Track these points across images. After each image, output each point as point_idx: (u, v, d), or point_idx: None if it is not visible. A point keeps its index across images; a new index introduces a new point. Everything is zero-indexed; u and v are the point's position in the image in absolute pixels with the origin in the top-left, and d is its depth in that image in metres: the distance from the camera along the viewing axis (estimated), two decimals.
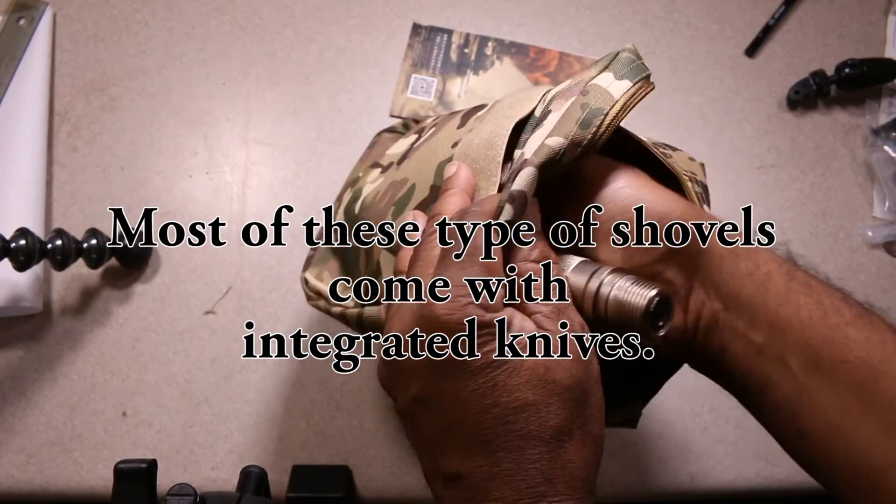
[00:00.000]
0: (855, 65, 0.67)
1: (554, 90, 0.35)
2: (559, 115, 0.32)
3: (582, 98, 0.32)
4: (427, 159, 0.38)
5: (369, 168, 0.47)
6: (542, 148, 0.31)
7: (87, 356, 0.57)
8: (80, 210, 0.61)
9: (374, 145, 0.51)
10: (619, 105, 0.32)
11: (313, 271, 0.46)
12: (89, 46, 0.67)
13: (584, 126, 0.32)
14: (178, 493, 0.38)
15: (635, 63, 0.34)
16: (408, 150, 0.43)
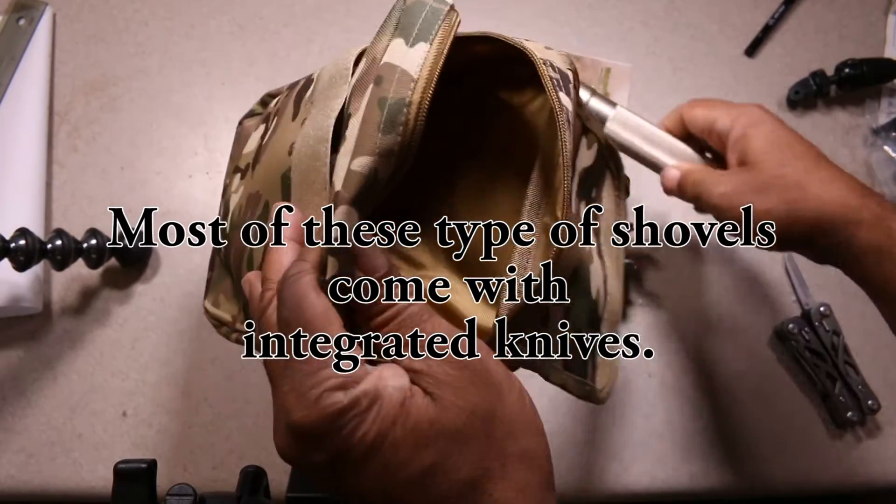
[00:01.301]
0: (855, 65, 0.67)
1: (353, 77, 0.30)
2: (359, 120, 0.27)
3: (377, 89, 0.27)
4: (272, 167, 0.34)
5: (233, 174, 0.42)
6: (351, 176, 0.26)
7: (87, 356, 0.57)
8: (79, 210, 0.61)
9: (237, 138, 0.45)
10: (421, 84, 0.27)
11: (210, 297, 0.42)
12: (89, 46, 0.67)
13: (387, 130, 0.26)
14: (178, 493, 0.38)
15: (427, 5, 0.28)
16: (258, 147, 0.39)
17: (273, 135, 0.36)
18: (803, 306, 0.62)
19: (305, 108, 0.33)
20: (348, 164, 0.26)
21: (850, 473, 0.59)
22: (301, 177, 0.30)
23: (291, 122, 0.33)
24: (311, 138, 0.30)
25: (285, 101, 0.37)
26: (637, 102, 0.68)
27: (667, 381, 0.59)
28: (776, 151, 0.43)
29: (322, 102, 0.31)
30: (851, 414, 0.59)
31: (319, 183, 0.29)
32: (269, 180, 0.33)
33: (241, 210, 0.37)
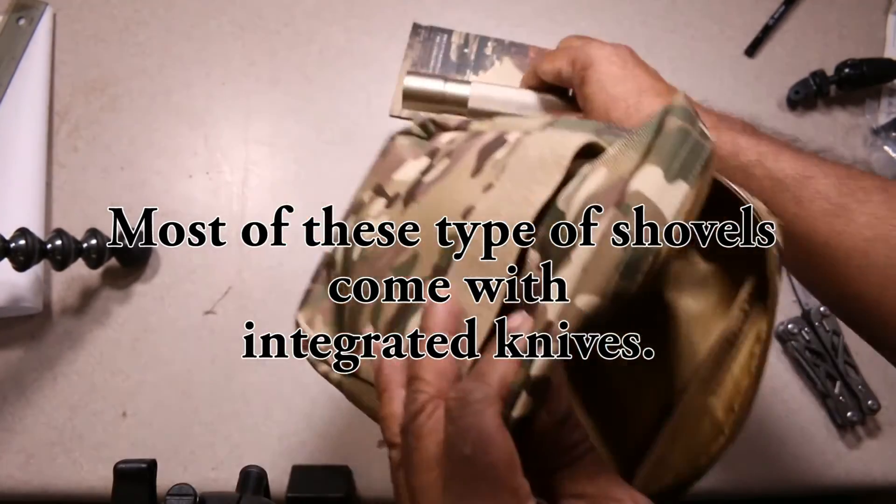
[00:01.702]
0: (855, 65, 0.67)
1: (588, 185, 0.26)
2: (591, 247, 0.24)
3: (622, 220, 0.23)
4: (434, 220, 0.31)
5: (374, 195, 0.40)
6: (571, 311, 0.23)
7: (87, 356, 0.57)
8: (79, 210, 0.61)
9: (386, 153, 0.43)
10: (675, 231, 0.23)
11: (307, 312, 0.40)
12: (89, 46, 0.67)
13: (627, 275, 0.23)
14: (178, 493, 0.38)
15: (692, 137, 0.25)
16: (416, 182, 0.36)
17: (441, 180, 0.33)
18: (803, 306, 0.62)
19: (493, 171, 0.30)
20: (572, 296, 0.23)
21: (850, 473, 0.59)
22: (475, 252, 0.27)
23: (470, 177, 0.31)
24: (499, 218, 0.27)
25: (463, 147, 0.34)
26: None
27: None
28: (602, 94, 0.45)
29: (523, 181, 0.28)
30: (851, 414, 0.59)
31: (499, 272, 0.26)
32: (428, 234, 0.31)
33: (379, 248, 0.34)
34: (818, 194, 0.39)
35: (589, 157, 0.28)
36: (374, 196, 0.39)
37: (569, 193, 0.27)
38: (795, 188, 0.39)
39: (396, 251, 0.33)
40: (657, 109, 0.30)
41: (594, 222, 0.24)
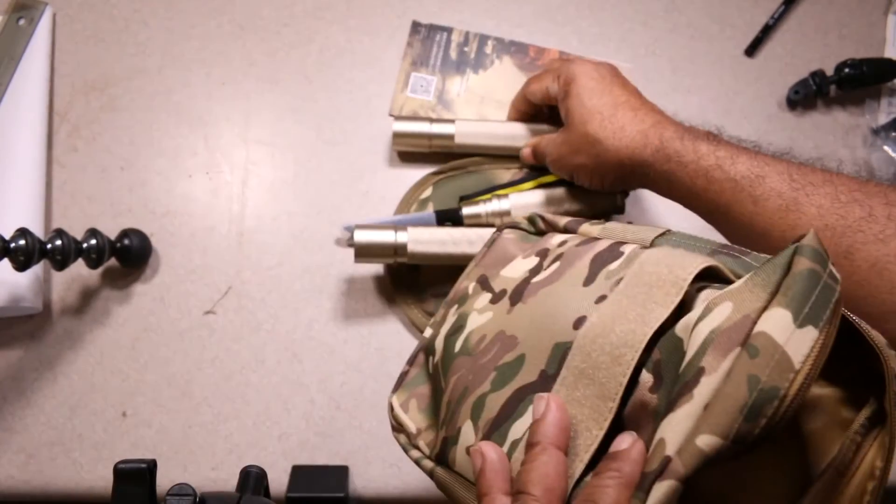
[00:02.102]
0: (855, 65, 0.67)
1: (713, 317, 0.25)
2: (714, 384, 0.24)
3: (748, 362, 0.23)
4: (542, 326, 0.32)
5: (480, 288, 0.40)
6: (692, 450, 0.23)
7: (87, 356, 0.57)
8: (79, 210, 0.61)
9: (492, 244, 0.43)
10: (800, 378, 0.23)
11: (401, 396, 0.40)
12: (89, 46, 0.67)
13: (750, 418, 0.23)
14: (178, 493, 0.38)
15: (822, 280, 0.24)
16: (524, 281, 0.36)
17: (551, 284, 0.33)
18: None
19: (606, 283, 0.30)
20: (692, 435, 0.23)
21: None
22: (585, 365, 0.28)
23: (582, 286, 0.31)
24: (613, 335, 0.27)
25: (575, 252, 0.34)
26: None
27: None
28: (581, 109, 0.50)
29: (639, 298, 0.28)
30: None
31: (611, 389, 0.26)
32: (537, 338, 0.31)
33: (484, 341, 0.35)
34: (772, 191, 0.41)
35: (706, 278, 0.28)
36: (479, 288, 0.40)
37: (689, 321, 0.27)
38: (751, 188, 0.41)
39: (501, 349, 0.33)
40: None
41: (716, 360, 0.24)
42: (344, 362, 0.58)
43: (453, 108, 0.66)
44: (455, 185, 0.62)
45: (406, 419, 0.39)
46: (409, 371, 0.42)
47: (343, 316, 0.59)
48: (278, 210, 0.62)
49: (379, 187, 0.63)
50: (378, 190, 0.63)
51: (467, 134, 0.62)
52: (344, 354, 0.58)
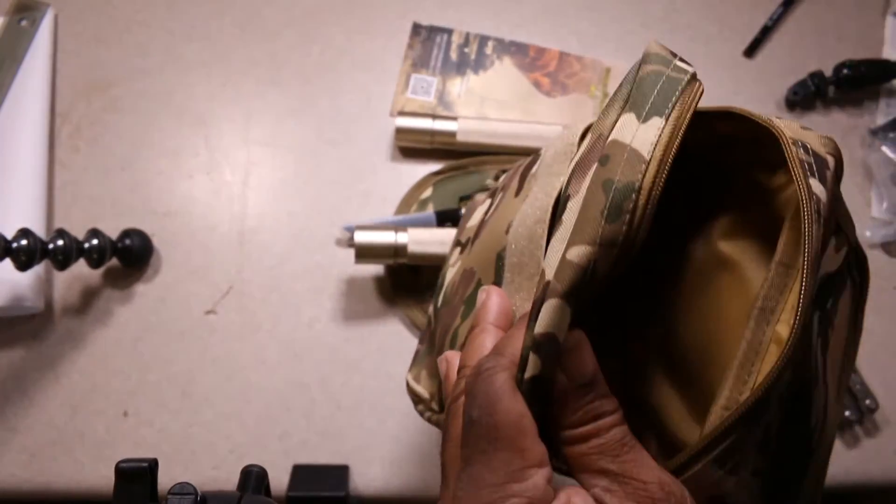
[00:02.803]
0: (853, 66, 0.67)
1: (576, 155, 0.26)
2: (578, 203, 0.24)
3: (601, 171, 0.24)
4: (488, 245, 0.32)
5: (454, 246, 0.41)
6: (564, 266, 0.23)
7: (89, 356, 0.57)
8: (81, 210, 0.61)
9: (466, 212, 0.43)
10: (654, 166, 0.23)
11: (413, 371, 0.41)
12: (91, 47, 0.67)
13: (612, 218, 0.23)
14: (179, 493, 0.38)
15: (664, 75, 0.25)
16: (482, 223, 0.37)
17: (496, 211, 0.34)
18: None
19: (528, 185, 0.31)
20: (562, 253, 0.23)
21: (848, 473, 0.59)
22: (515, 258, 0.28)
23: (514, 198, 0.32)
24: (528, 218, 0.28)
25: (512, 175, 0.35)
26: None
27: None
28: None
29: (544, 179, 0.29)
30: (850, 413, 0.59)
31: (533, 267, 0.27)
32: (485, 258, 0.31)
33: (454, 286, 0.35)
34: None
35: None
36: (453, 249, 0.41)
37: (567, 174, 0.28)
38: None
39: (465, 284, 0.34)
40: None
41: (577, 184, 0.25)
42: (344, 362, 0.58)
43: (454, 109, 0.67)
44: (455, 186, 0.62)
45: (420, 389, 0.39)
46: (419, 349, 0.43)
47: (343, 316, 0.59)
48: (279, 210, 0.62)
49: (379, 188, 0.63)
50: (378, 190, 0.63)
51: (469, 132, 0.62)
52: (344, 354, 0.58)
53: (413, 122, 0.62)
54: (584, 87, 0.68)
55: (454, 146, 0.63)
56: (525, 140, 0.62)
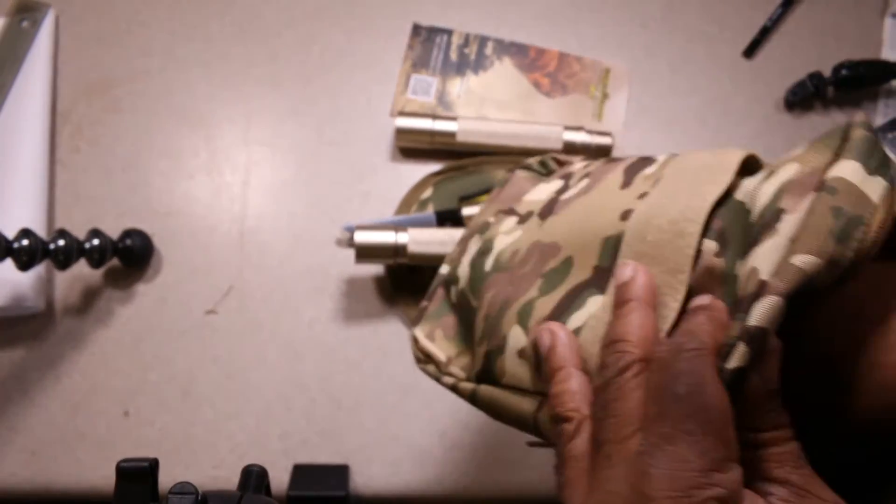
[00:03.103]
0: (852, 66, 0.67)
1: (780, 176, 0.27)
2: (798, 218, 0.25)
3: (828, 198, 0.24)
4: (586, 226, 0.32)
5: (502, 214, 0.40)
6: (788, 269, 0.24)
7: (90, 356, 0.57)
8: (82, 210, 0.62)
9: (506, 184, 0.44)
10: (880, 214, 0.24)
11: (425, 328, 0.40)
12: (91, 48, 0.67)
13: (840, 239, 0.24)
14: (180, 492, 0.39)
15: (877, 148, 0.26)
16: (552, 200, 0.37)
17: (585, 195, 0.34)
18: None
19: (643, 183, 0.32)
20: (784, 257, 0.24)
21: None
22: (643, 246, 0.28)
23: (619, 189, 0.32)
24: (669, 214, 0.28)
25: (605, 168, 0.36)
26: (636, 104, 0.68)
27: None
28: None
29: (688, 182, 0.29)
30: None
31: (678, 262, 0.27)
32: (581, 238, 0.32)
33: (518, 255, 0.35)
34: None
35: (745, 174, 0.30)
36: (502, 215, 0.40)
37: (752, 187, 0.28)
38: None
39: (542, 258, 0.33)
40: None
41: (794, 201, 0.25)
42: (345, 362, 0.58)
43: (454, 110, 0.67)
44: (455, 186, 0.62)
45: (433, 348, 0.38)
46: (427, 306, 0.41)
47: (344, 316, 0.60)
48: (279, 210, 0.63)
49: (379, 188, 0.64)
50: (378, 191, 0.63)
51: (469, 132, 0.62)
52: (345, 354, 0.58)
53: (413, 122, 0.62)
54: (584, 87, 0.68)
55: (454, 146, 0.63)
56: (525, 140, 0.63)
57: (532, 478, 0.56)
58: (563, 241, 0.33)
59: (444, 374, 0.37)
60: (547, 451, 0.50)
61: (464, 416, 0.57)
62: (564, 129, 0.63)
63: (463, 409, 0.57)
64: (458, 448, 0.56)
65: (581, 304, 0.30)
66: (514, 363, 0.33)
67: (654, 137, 0.67)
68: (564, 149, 0.63)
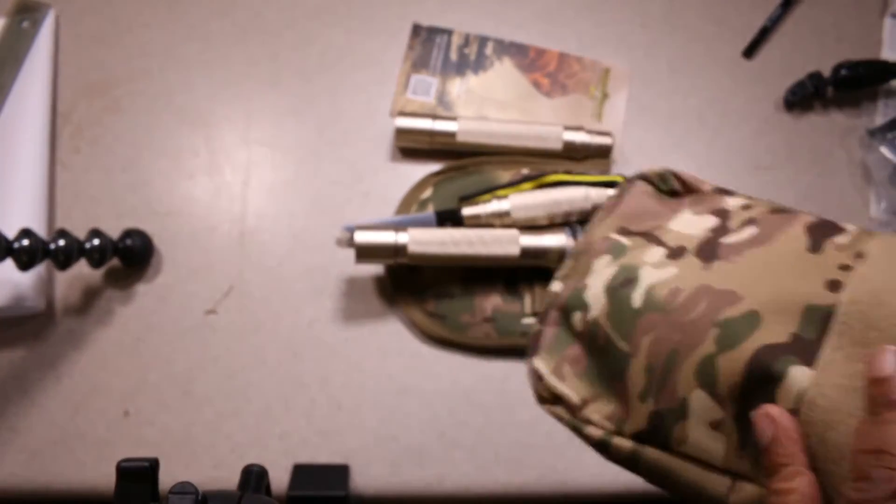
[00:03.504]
0: (851, 66, 0.67)
1: None
2: None
3: None
4: (779, 285, 0.30)
5: (639, 237, 0.37)
6: None
7: (90, 356, 0.58)
8: (82, 210, 0.62)
9: (623, 195, 0.40)
10: None
11: (548, 361, 0.36)
12: (92, 48, 0.67)
13: None
14: (180, 492, 0.39)
15: None
16: (710, 240, 0.34)
17: (761, 246, 0.32)
18: None
19: (838, 254, 0.30)
20: None
21: None
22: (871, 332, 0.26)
23: (808, 252, 0.30)
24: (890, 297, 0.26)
25: (775, 219, 0.34)
26: (635, 104, 0.68)
27: None
28: None
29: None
30: None
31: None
32: (772, 296, 0.29)
33: (682, 297, 0.32)
34: None
35: None
36: (644, 242, 0.37)
37: None
38: None
39: (715, 304, 0.31)
40: None
41: None
42: (345, 362, 0.58)
43: (454, 110, 0.67)
44: (455, 186, 0.62)
45: (564, 389, 0.34)
46: (543, 331, 0.36)
47: (344, 316, 0.60)
48: (279, 210, 0.63)
49: (379, 188, 0.64)
50: (378, 191, 0.63)
51: (469, 132, 0.62)
52: (345, 354, 0.58)
53: (413, 122, 0.62)
54: (584, 87, 0.68)
55: (454, 146, 0.63)
56: (525, 140, 0.63)
57: (532, 478, 0.56)
58: (743, 291, 0.30)
59: (582, 422, 0.34)
60: (548, 447, 0.50)
61: (464, 416, 0.57)
62: (564, 129, 0.63)
63: (463, 409, 0.57)
64: (458, 448, 0.56)
65: (781, 373, 0.28)
66: (702, 434, 0.30)
67: (654, 137, 0.67)
68: (564, 149, 0.63)
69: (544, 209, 0.59)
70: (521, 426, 0.57)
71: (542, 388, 0.35)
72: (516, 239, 0.57)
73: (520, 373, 0.58)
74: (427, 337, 0.59)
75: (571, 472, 0.56)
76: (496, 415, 0.57)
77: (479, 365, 0.59)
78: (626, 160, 0.66)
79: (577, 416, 0.34)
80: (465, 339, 0.58)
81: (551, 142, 0.63)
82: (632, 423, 0.32)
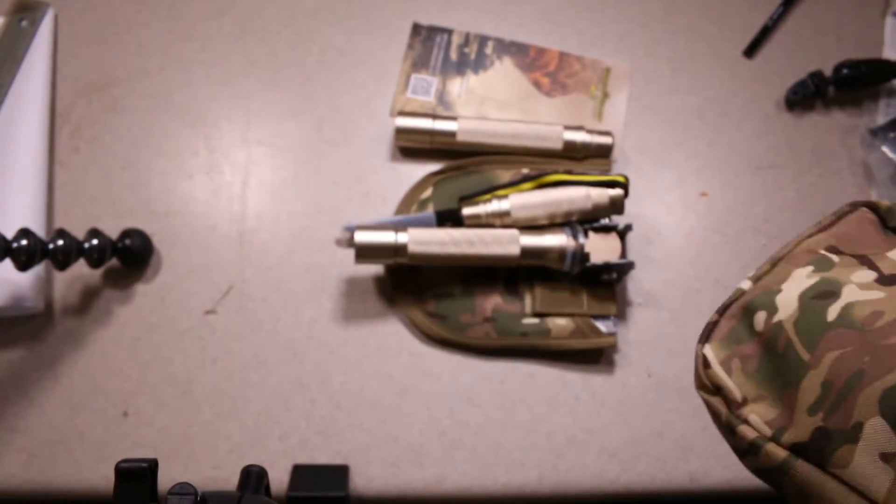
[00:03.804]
0: (853, 66, 0.67)
1: None
2: None
3: None
4: None
5: (854, 261, 0.35)
6: None
7: (89, 356, 0.57)
8: (81, 210, 0.61)
9: (844, 217, 0.38)
10: None
11: (719, 350, 0.35)
12: (91, 48, 0.67)
13: None
14: (179, 493, 0.38)
15: None
16: None
17: None
18: None
19: None
20: None
21: None
22: None
23: None
24: None
25: None
26: (636, 103, 0.68)
27: (667, 381, 0.60)
28: None
29: None
30: None
31: None
32: None
33: (882, 321, 0.30)
34: None
35: None
36: (854, 263, 0.35)
37: None
38: None
39: None
40: None
41: None
42: (344, 362, 0.58)
43: (454, 109, 0.67)
44: (455, 186, 0.62)
45: (728, 381, 0.33)
46: (719, 321, 0.35)
47: (343, 316, 0.59)
48: (279, 210, 0.62)
49: (379, 188, 0.63)
50: (378, 190, 0.63)
51: (469, 132, 0.62)
52: (344, 354, 0.58)
53: (413, 122, 0.62)
54: (584, 87, 0.68)
55: (454, 146, 0.63)
56: (525, 140, 0.62)
57: (532, 478, 0.55)
58: None
59: (738, 419, 0.32)
60: (548, 447, 0.50)
61: (464, 416, 0.57)
62: (564, 129, 0.63)
63: (463, 408, 0.57)
64: (458, 448, 0.56)
65: None
66: (868, 462, 0.28)
67: (655, 137, 0.67)
68: (565, 148, 0.63)
69: (544, 209, 0.59)
70: (521, 426, 0.57)
71: (705, 376, 0.34)
72: (516, 239, 0.57)
73: (520, 373, 0.58)
74: (427, 337, 0.59)
75: (571, 472, 0.56)
76: (496, 415, 0.57)
77: (479, 365, 0.59)
78: (627, 160, 0.66)
79: (734, 412, 0.33)
80: (465, 339, 0.58)
81: (551, 141, 0.63)
82: (792, 433, 0.31)
